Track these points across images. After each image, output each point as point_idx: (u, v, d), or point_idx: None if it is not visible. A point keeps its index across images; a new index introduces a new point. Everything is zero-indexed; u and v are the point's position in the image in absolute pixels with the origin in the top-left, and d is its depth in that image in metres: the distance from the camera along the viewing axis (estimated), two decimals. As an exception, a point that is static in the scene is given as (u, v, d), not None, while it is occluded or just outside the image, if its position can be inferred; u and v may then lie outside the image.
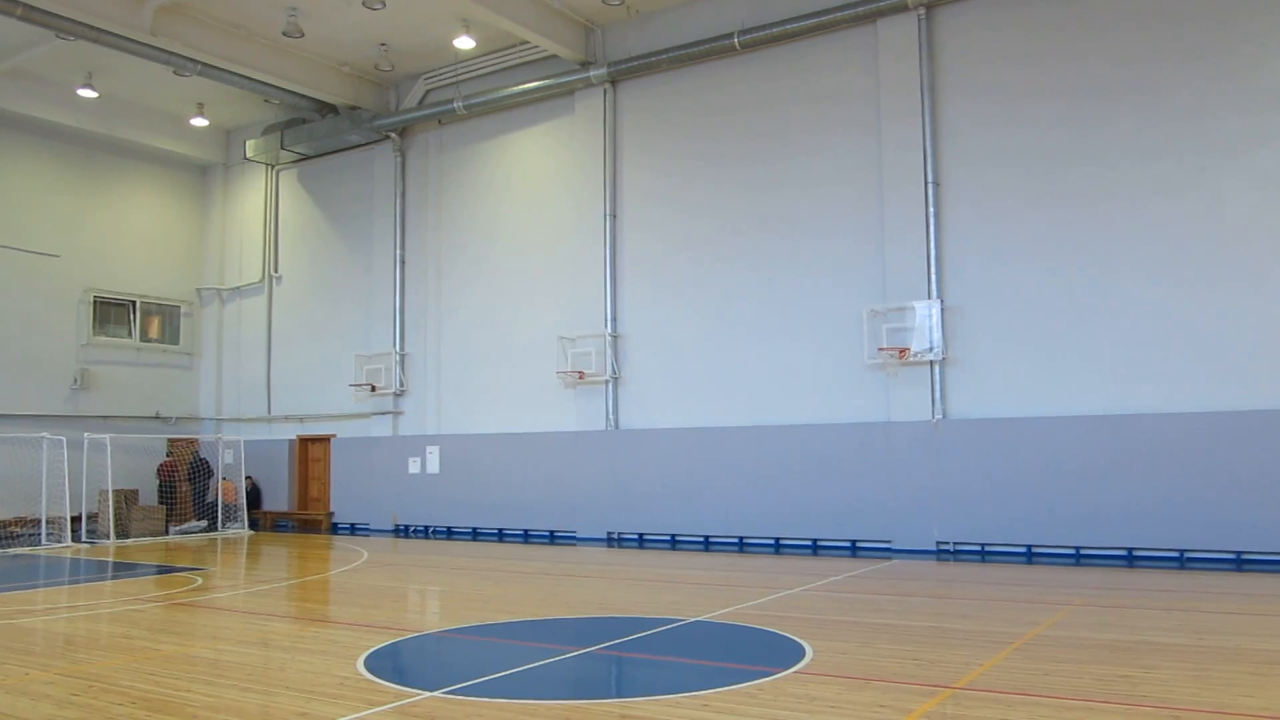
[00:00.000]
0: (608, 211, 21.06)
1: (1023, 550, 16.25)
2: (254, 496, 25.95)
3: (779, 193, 19.14)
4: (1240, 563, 14.71)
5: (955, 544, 16.83)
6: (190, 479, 24.82)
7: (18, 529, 22.00)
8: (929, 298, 17.25)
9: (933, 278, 17.31)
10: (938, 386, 17.19)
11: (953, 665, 8.38)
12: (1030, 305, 16.59)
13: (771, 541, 18.58)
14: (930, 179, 17.46)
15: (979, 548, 16.65)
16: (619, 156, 21.25)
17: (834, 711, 6.89)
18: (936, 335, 17.10)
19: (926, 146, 17.53)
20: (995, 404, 16.74)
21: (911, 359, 17.26)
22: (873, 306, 17.66)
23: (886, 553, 17.28)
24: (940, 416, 17.10)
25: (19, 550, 20.45)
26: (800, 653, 8.93)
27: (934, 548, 16.93)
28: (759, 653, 9.17)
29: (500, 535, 22.09)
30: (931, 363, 17.22)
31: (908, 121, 17.73)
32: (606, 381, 20.75)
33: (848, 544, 17.81)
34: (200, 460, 25.18)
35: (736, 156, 19.69)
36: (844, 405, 18.08)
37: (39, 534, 21.46)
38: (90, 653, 9.73)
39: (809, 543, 18.19)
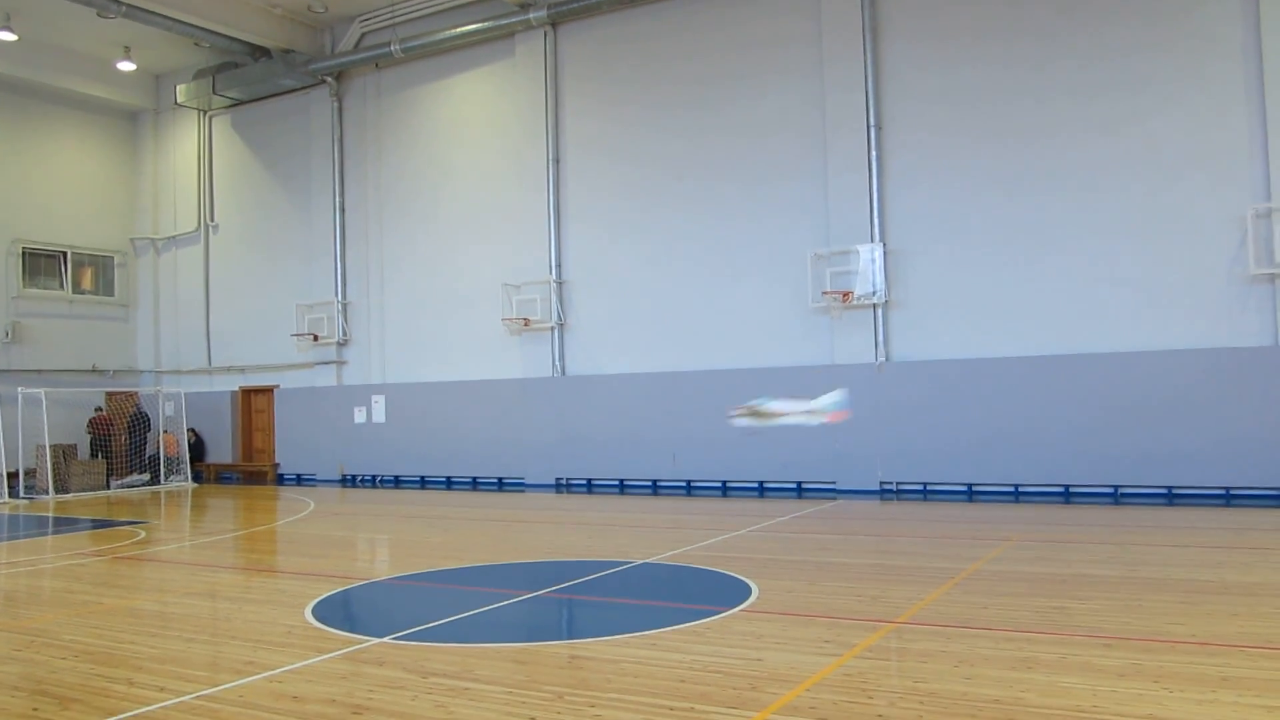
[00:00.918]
0: (551, 157, 20.84)
1: (963, 489, 16.60)
2: (197, 449, 25.62)
3: (724, 137, 19.07)
4: (1171, 497, 15.16)
5: (898, 484, 17.14)
6: (129, 432, 24.42)
7: (-48, 486, 21.53)
8: (871, 241, 17.37)
9: (875, 221, 17.41)
10: (880, 329, 17.38)
11: (895, 601, 8.56)
12: (971, 248, 16.79)
13: (719, 485, 18.78)
14: (872, 122, 17.49)
15: (921, 487, 16.97)
16: (561, 101, 20.99)
17: (779, 647, 7.03)
18: (879, 279, 17.25)
19: (869, 89, 17.54)
20: (937, 346, 16.99)
21: (855, 302, 17.41)
22: (817, 250, 17.74)
23: (831, 493, 17.55)
24: (883, 359, 17.31)
25: (-46, 508, 20.03)
26: (747, 592, 9.07)
27: (878, 488, 17.22)
28: (706, 593, 9.30)
29: (448, 483, 22.07)
30: (874, 306, 17.39)
31: (850, 64, 17.69)
32: (552, 328, 20.68)
33: (793, 486, 18.05)
34: (140, 413, 24.77)
35: (680, 101, 19.55)
36: (790, 348, 18.22)
37: (-27, 491, 21.02)
38: (31, 608, 9.59)
39: (755, 485, 18.41)
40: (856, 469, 17.39)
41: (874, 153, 17.46)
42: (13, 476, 21.73)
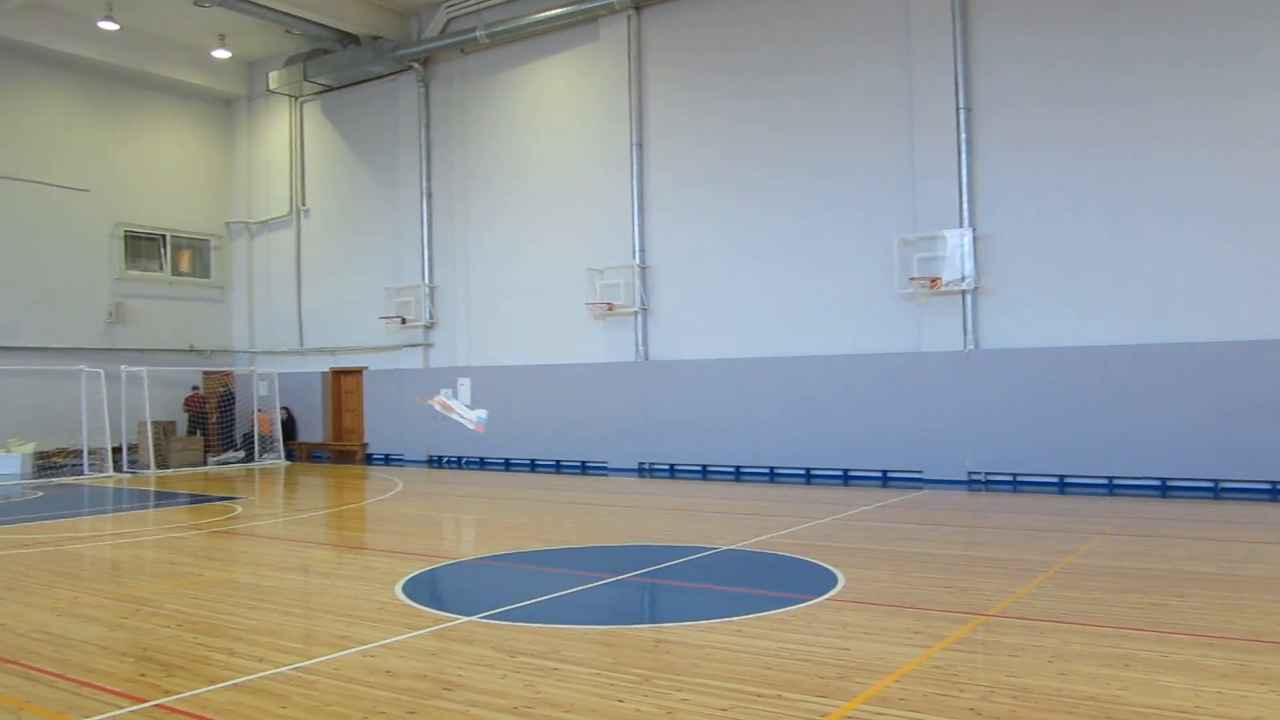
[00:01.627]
0: (634, 141, 20.83)
1: (1055, 480, 16.22)
2: (289, 428, 26.28)
3: (808, 122, 18.84)
4: (1275, 493, 14.62)
5: (987, 474, 16.82)
6: (218, 410, 25.22)
7: (61, 459, 22.43)
8: (960, 226, 17.02)
9: (964, 206, 17.06)
10: (969, 316, 17.04)
11: (985, 593, 8.42)
12: (1065, 231, 16.34)
13: (802, 472, 18.65)
14: (962, 105, 17.10)
15: (1011, 478, 16.63)
16: (644, 86, 20.96)
17: (867, 637, 6.96)
18: (968, 264, 16.91)
19: (958, 71, 17.15)
20: (1028, 334, 16.59)
21: (943, 288, 17.09)
22: (904, 235, 17.45)
23: (917, 483, 17.30)
24: (972, 346, 16.98)
25: (63, 480, 20.87)
26: (832, 580, 9.00)
27: (965, 478, 16.93)
28: (791, 580, 9.25)
29: (532, 466, 22.29)
30: (963, 292, 17.04)
31: (939, 46, 17.32)
32: (635, 313, 20.72)
33: (878, 474, 17.84)
34: (228, 392, 25.55)
35: (764, 86, 19.36)
36: (875, 336, 17.98)
37: (81, 464, 21.86)
38: (136, 578, 9.95)
39: (839, 473, 18.24)
40: (944, 459, 17.11)
41: (963, 135, 17.09)
42: (116, 451, 22.55)
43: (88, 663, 6.63)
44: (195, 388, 25.69)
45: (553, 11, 21.52)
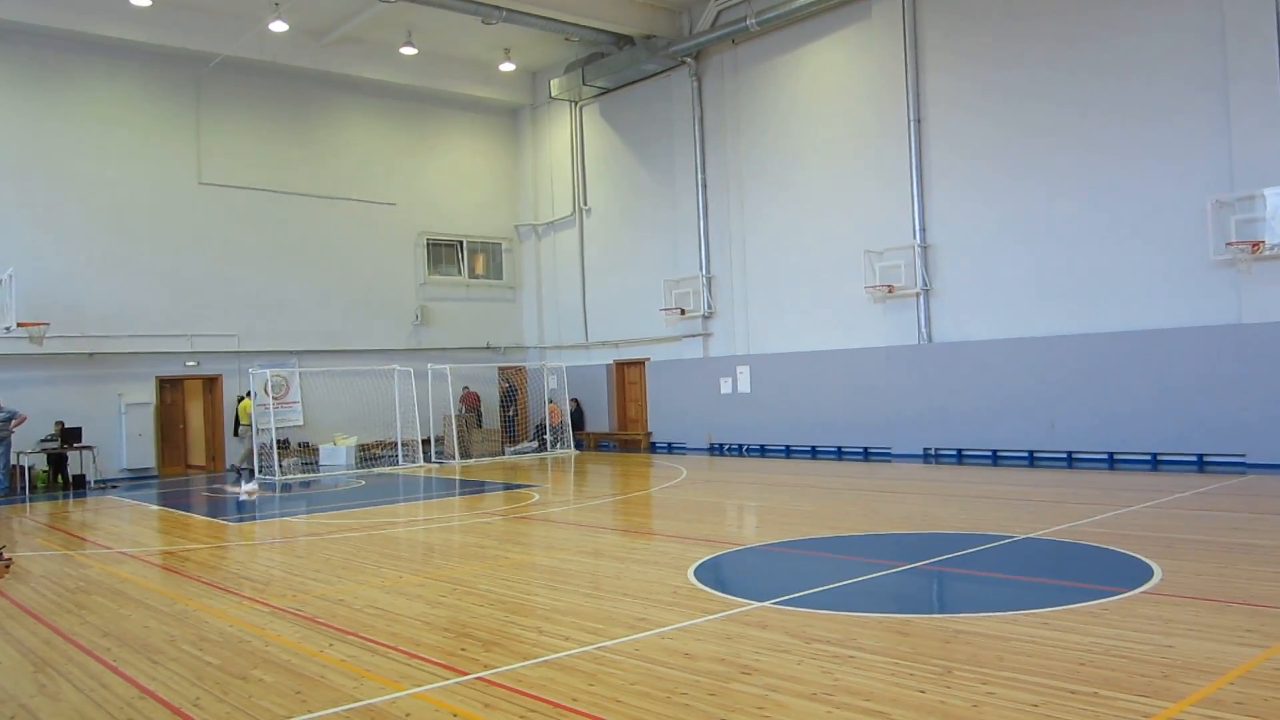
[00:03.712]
0: (911, 117, 20.19)
1: None
2: (578, 418, 27.50)
3: (1101, 78, 17.54)
4: None
5: (1324, 458, 15.09)
6: (502, 405, 26.85)
7: (379, 451, 24.58)
8: (1288, 183, 15.33)
9: (1292, 160, 15.34)
10: (1300, 283, 15.33)
11: (1332, 589, 7.55)
12: None
13: (1104, 456, 17.44)
14: (1287, 48, 15.38)
15: (1355, 462, 14.84)
16: (921, 59, 20.25)
17: (1192, 634, 6.42)
18: (1298, 225, 15.20)
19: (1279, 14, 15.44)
20: (1374, 299, 14.70)
21: (1267, 253, 15.45)
22: (1218, 197, 15.91)
23: (1239, 467, 15.76)
24: (1304, 316, 15.26)
25: (381, 470, 22.86)
26: (1148, 572, 8.36)
27: (1298, 462, 15.26)
28: (1101, 572, 8.68)
29: (814, 452, 22.16)
30: (1292, 256, 15.35)
31: (1259, -16, 15.66)
32: (917, 294, 20.11)
33: (1193, 458, 16.40)
34: (510, 387, 27.12)
35: (1052, 42, 18.19)
36: (1184, 307, 16.52)
37: (396, 455, 23.87)
38: (449, 560, 10.74)
39: (1148, 457, 16.92)
40: (1271, 440, 15.47)
41: (1289, 82, 15.36)
42: (425, 443, 24.44)
43: (415, 636, 7.23)
44: (466, 387, 27.27)
45: (822, -7, 21.24)
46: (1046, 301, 18.26)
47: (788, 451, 22.70)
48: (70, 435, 21.32)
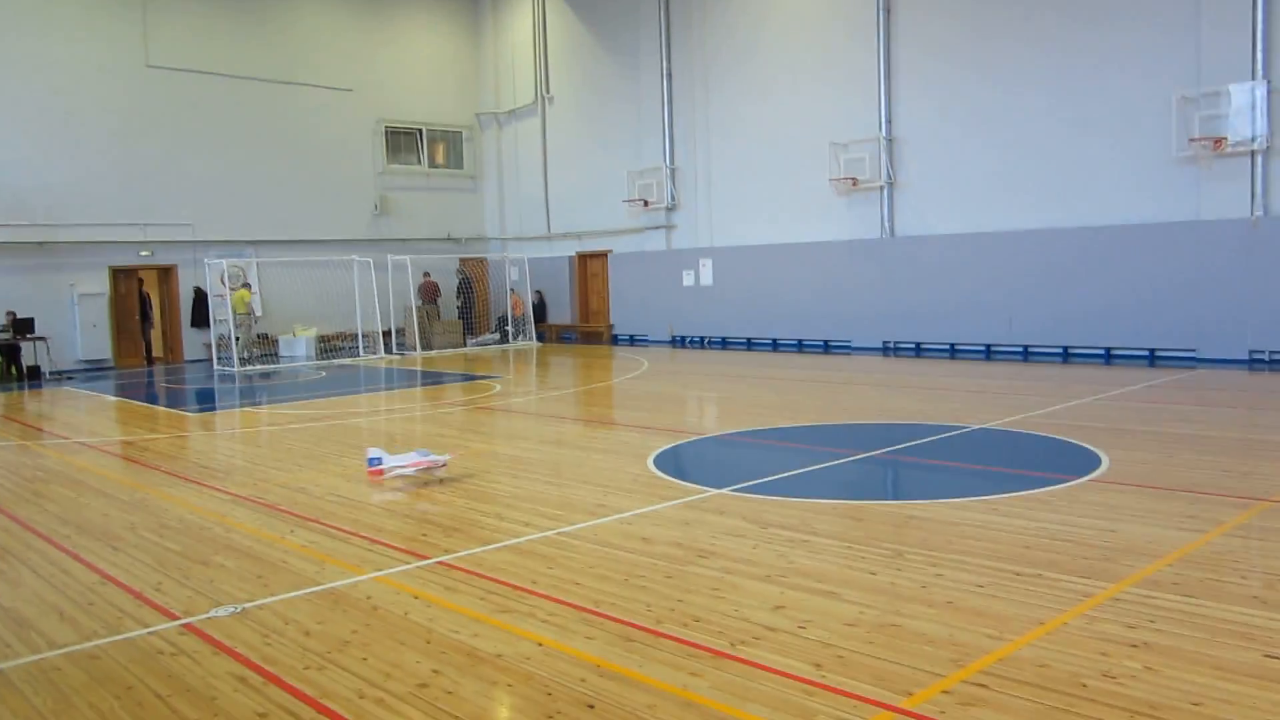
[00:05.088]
0: (880, 5, 19.81)
1: (1354, 359, 14.68)
2: (540, 310, 27.43)
3: (1075, -31, 17.28)
4: None
5: (1271, 353, 15.40)
6: (458, 295, 26.74)
7: (339, 343, 24.43)
8: (1252, 79, 15.27)
9: (1258, 55, 15.24)
10: (1259, 180, 15.40)
11: (1269, 478, 7.79)
12: (1381, 80, 14.37)
13: (1059, 350, 17.72)
14: (1260, -62, 15.18)
15: (1300, 356, 15.19)
16: (892, -56, 19.80)
17: (1135, 519, 6.62)
18: (1261, 121, 15.20)
19: (1257, -101, 15.17)
20: (1329, 196, 14.85)
21: (1228, 150, 15.49)
22: (1183, 93, 15.86)
23: (1190, 362, 16.09)
24: (1260, 213, 15.39)
25: (342, 361, 22.76)
26: (1096, 461, 8.58)
27: (1246, 357, 15.57)
28: (1050, 460, 8.89)
29: (774, 345, 22.31)
30: (1253, 153, 15.39)
31: None
32: (881, 187, 20.04)
33: (1145, 352, 16.70)
34: (466, 279, 26.95)
35: (1026, -68, 17.84)
36: (1144, 204, 16.61)
37: (356, 347, 23.74)
38: (410, 448, 10.76)
39: (1101, 351, 17.21)
40: (1221, 336, 15.77)
41: (1259, -26, 15.20)
42: (386, 335, 24.31)
43: (376, 523, 7.29)
44: (427, 274, 26.95)
45: (791, -128, 20.56)
46: (1008, 197, 18.27)
47: (749, 344, 22.84)
48: (23, 326, 20.98)
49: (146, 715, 4.09)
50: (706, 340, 23.78)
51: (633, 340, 25.61)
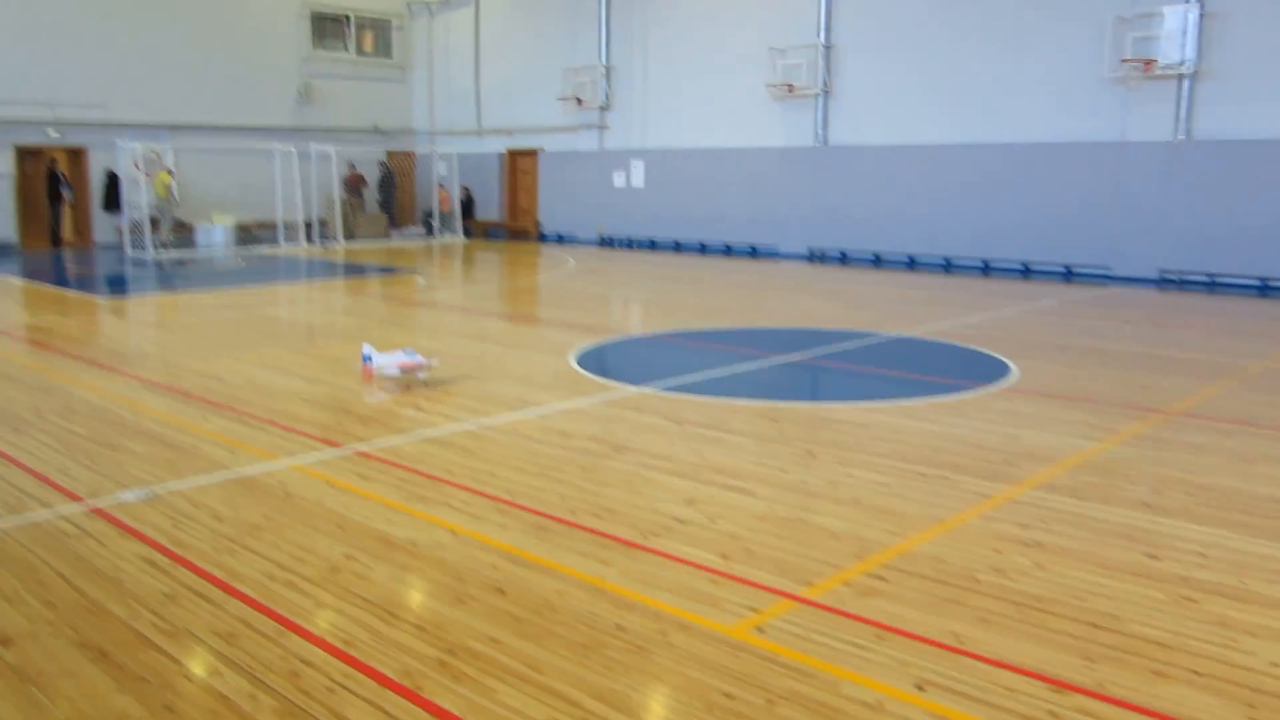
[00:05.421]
0: (823, -94, 19.47)
1: (1256, 283, 15.17)
2: (468, 207, 26.98)
3: (1018, -121, 17.10)
4: None
5: (1181, 273, 15.87)
6: (381, 188, 26.14)
7: (259, 232, 23.80)
8: (1185, 1, 15.40)
9: (1192, -24, 15.38)
10: (1184, 103, 15.65)
11: (1167, 392, 8.10)
12: (1306, 7, 14.58)
13: (980, 263, 18.04)
14: None
15: (1208, 278, 15.66)
16: None
17: (1038, 427, 6.85)
18: (1190, 45, 15.37)
19: None
20: (1251, 124, 15.13)
21: (1157, 72, 15.67)
22: (1120, 13, 15.93)
23: (1103, 279, 16.51)
24: (1184, 137, 15.68)
25: (261, 251, 22.21)
26: (1005, 371, 8.82)
27: (1157, 276, 16.04)
28: (963, 369, 9.11)
29: (702, 249, 22.33)
30: (1180, 76, 15.60)
31: None
32: (816, 95, 19.93)
33: (1062, 269, 17.09)
34: (389, 172, 26.37)
35: None
36: (1072, 123, 16.78)
37: (277, 236, 23.15)
38: (330, 339, 10.65)
39: (1020, 266, 17.57)
40: (1135, 255, 16.18)
41: (1198, -107, 15.21)
42: (307, 226, 23.73)
43: (292, 412, 7.22)
44: (352, 165, 26.30)
45: None
46: (940, 110, 18.32)
47: (677, 247, 22.82)
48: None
49: (51, 596, 4.05)
50: (634, 242, 23.69)
51: (561, 240, 25.40)
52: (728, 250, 21.87)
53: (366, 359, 8.28)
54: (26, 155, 22.45)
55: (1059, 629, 3.78)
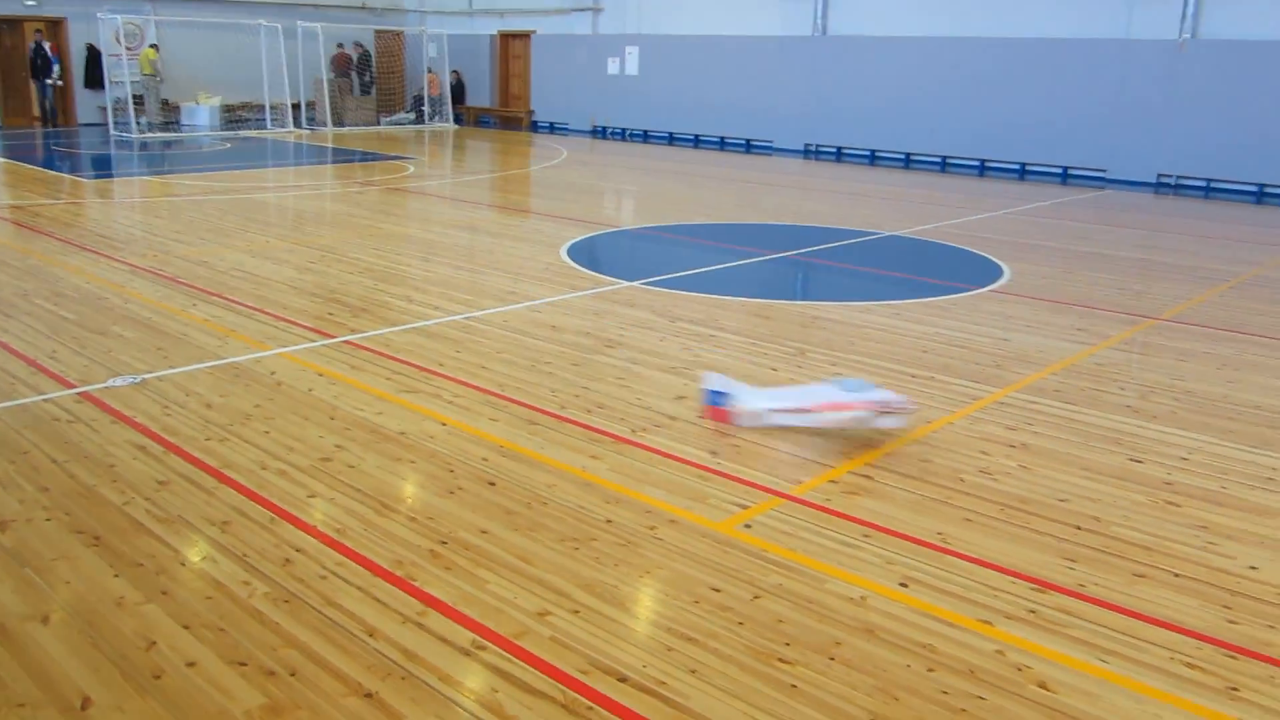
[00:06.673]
0: None
1: (1253, 189, 15.07)
2: (458, 92, 26.40)
3: None
4: None
5: (1178, 177, 15.74)
6: (357, 72, 25.49)
7: (246, 113, 23.30)
8: (1200, -109, 14.93)
9: None
10: (1191, 2, 15.29)
11: (1159, 297, 8.11)
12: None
13: (976, 163, 17.83)
14: None
15: (1204, 183, 15.53)
16: None
17: (1028, 330, 6.86)
18: (1201, -62, 14.96)
19: None
20: (1259, 25, 14.81)
21: (1165, -34, 15.28)
22: (1129, -99, 15.46)
23: (1100, 182, 16.36)
24: (1188, 35, 15.36)
25: (248, 133, 21.79)
26: (998, 273, 8.80)
27: (1154, 180, 15.90)
28: (955, 270, 9.09)
29: (696, 141, 21.99)
30: (1188, -30, 15.22)
31: None
32: (816, -17, 19.42)
33: (1058, 171, 16.92)
34: (365, 53, 25.70)
35: None
36: (1074, 18, 16.39)
37: (264, 119, 22.68)
38: (320, 227, 10.54)
39: (1016, 167, 17.38)
40: (1132, 158, 16.01)
41: None
42: (295, 107, 23.22)
43: (282, 300, 7.18)
44: (340, 45, 25.58)
45: None
46: (941, 2, 17.85)
47: (671, 139, 22.47)
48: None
49: (43, 479, 4.07)
50: (628, 132, 23.31)
51: (553, 128, 24.96)
52: (722, 144, 21.54)
53: (718, 398, 4.88)
54: (4, 26, 21.77)
55: (1042, 530, 3.85)
